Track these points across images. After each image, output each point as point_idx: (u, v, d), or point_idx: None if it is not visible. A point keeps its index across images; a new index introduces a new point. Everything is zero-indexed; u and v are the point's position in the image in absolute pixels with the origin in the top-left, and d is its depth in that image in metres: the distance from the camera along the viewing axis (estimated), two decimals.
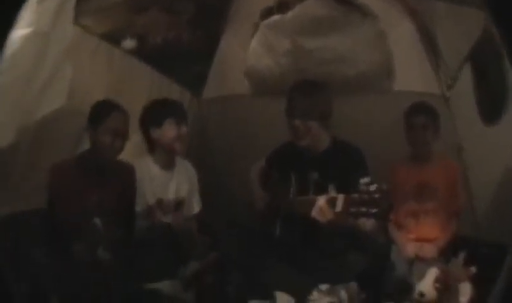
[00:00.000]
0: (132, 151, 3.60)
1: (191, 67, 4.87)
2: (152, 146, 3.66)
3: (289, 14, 4.41)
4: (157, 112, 3.62)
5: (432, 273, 3.06)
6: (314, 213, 3.09)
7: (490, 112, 3.70)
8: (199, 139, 4.29)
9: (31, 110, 3.21)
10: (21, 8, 2.21)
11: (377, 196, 2.77)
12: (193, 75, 4.90)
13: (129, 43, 4.26)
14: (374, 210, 2.78)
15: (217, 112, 4.42)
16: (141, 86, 4.23)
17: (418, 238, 3.70)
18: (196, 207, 3.86)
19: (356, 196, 2.84)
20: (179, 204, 3.72)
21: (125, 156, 3.45)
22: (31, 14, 2.89)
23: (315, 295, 3.05)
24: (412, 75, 4.36)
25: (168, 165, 3.68)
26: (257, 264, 3.31)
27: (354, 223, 3.15)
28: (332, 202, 3.01)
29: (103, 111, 3.29)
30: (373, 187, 2.79)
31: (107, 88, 3.75)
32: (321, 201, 3.07)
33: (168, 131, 3.56)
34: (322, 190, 3.20)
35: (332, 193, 3.07)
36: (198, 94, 4.98)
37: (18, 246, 2.95)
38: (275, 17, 4.50)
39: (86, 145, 3.41)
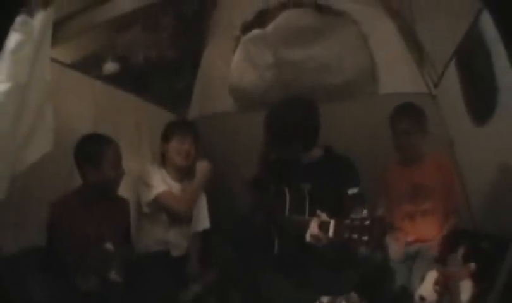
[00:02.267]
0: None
1: (175, 86, 4.90)
2: (163, 160, 4.00)
3: (270, 26, 4.39)
4: (168, 129, 4.00)
5: (431, 276, 3.07)
6: (308, 239, 3.10)
7: (479, 112, 3.63)
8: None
9: (18, 161, 3.12)
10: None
11: (368, 223, 2.78)
12: (177, 95, 4.92)
13: (110, 66, 4.32)
14: (365, 238, 2.78)
15: (203, 131, 4.39)
16: (126, 114, 4.24)
17: (416, 239, 3.69)
18: (203, 223, 3.97)
19: (348, 221, 2.84)
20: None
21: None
22: (7, 67, 2.83)
23: None
24: (397, 76, 4.35)
25: (177, 178, 3.94)
26: (257, 280, 3.32)
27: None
28: (325, 227, 3.00)
29: (99, 149, 3.36)
30: (364, 214, 2.80)
31: (94, 122, 3.77)
32: (313, 227, 3.07)
33: (172, 146, 3.93)
34: (316, 203, 3.21)
35: (323, 217, 3.06)
36: (184, 114, 4.97)
37: (22, 285, 2.93)
38: (256, 31, 4.49)
39: (77, 180, 3.44)
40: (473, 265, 3.06)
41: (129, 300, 3.13)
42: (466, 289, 2.98)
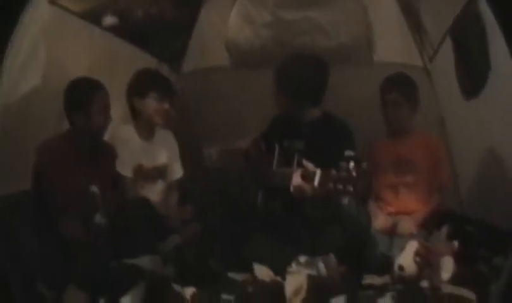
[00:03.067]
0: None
1: (173, 42, 4.88)
2: (134, 114, 3.77)
3: None
4: (143, 83, 3.74)
5: (412, 247, 3.00)
6: (292, 189, 3.08)
7: (470, 86, 3.64)
8: (180, 113, 4.29)
9: (10, 91, 3.19)
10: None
11: (354, 174, 2.75)
12: (173, 49, 4.90)
13: (110, 19, 4.28)
14: (351, 188, 2.76)
15: (196, 84, 4.49)
16: (120, 63, 4.21)
17: (398, 211, 3.68)
18: (178, 172, 3.95)
19: (334, 171, 2.81)
20: (158, 172, 3.80)
21: None
22: None
23: (293, 267, 3.03)
24: (393, 47, 4.40)
25: (147, 134, 3.78)
26: (239, 234, 3.32)
27: (335, 197, 3.10)
28: (310, 176, 2.97)
29: (88, 94, 3.35)
30: (351, 165, 2.76)
31: (88, 67, 3.74)
32: (297, 177, 3.05)
33: (150, 104, 3.69)
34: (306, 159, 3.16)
35: (309, 167, 3.03)
36: (178, 68, 4.95)
37: (8, 230, 2.92)
38: None
39: (66, 125, 3.43)
40: (456, 243, 3.02)
41: (110, 248, 3.10)
42: (447, 266, 2.93)
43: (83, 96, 3.33)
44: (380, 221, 3.58)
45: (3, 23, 2.36)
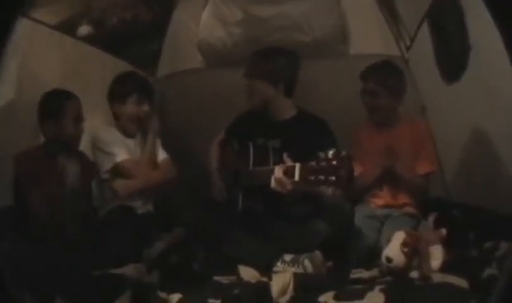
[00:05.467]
0: None
1: (148, 46, 4.87)
2: (116, 116, 3.74)
3: None
4: (122, 88, 3.69)
5: (398, 237, 2.94)
6: (273, 184, 3.05)
7: (450, 70, 3.59)
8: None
9: None
10: None
11: (334, 162, 2.71)
12: (148, 54, 4.89)
13: (84, 29, 4.21)
14: (333, 178, 2.71)
15: (172, 88, 4.50)
16: (95, 71, 4.20)
17: (386, 204, 3.60)
18: (161, 155, 3.86)
19: (313, 163, 2.78)
20: (152, 163, 3.77)
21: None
22: None
23: (279, 266, 3.03)
24: (370, 38, 4.36)
25: (130, 133, 3.74)
26: (222, 236, 3.27)
27: (316, 190, 3.09)
28: (290, 172, 2.95)
29: (59, 103, 3.36)
30: (330, 153, 2.72)
31: (61, 77, 3.73)
32: (278, 172, 3.02)
33: (129, 109, 3.67)
34: (282, 158, 3.14)
35: (288, 162, 3.01)
36: (153, 72, 4.94)
37: None
38: None
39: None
40: (444, 230, 2.98)
41: (93, 257, 3.06)
42: (437, 255, 2.86)
43: (53, 106, 3.35)
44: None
45: None
